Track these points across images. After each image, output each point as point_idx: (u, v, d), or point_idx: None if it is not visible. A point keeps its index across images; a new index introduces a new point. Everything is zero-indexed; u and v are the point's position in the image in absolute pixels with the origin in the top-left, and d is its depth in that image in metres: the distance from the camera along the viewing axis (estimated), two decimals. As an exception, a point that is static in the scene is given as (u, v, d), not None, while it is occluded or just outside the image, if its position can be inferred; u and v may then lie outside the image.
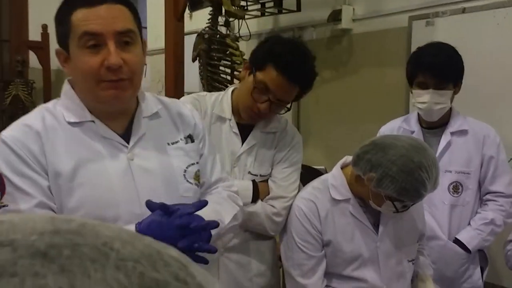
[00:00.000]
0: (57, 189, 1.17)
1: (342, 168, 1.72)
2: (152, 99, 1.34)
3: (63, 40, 1.19)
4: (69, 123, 1.21)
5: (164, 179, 1.26)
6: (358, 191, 1.65)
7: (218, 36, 3.14)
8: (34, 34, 4.70)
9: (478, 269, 2.11)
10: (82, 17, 1.14)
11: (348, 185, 1.67)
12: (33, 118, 1.21)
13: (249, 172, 1.76)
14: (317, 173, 2.62)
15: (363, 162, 1.56)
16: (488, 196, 2.08)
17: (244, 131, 1.77)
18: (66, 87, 1.26)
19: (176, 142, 1.33)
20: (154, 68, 4.40)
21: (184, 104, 1.44)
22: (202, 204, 1.21)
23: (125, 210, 1.20)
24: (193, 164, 1.33)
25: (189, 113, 1.40)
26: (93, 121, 1.23)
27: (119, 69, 1.16)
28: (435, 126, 2.12)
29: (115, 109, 1.24)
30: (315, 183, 1.74)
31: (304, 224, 1.65)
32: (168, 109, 1.35)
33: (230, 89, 1.85)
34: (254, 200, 1.73)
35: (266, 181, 1.81)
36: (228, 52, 3.10)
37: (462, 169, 2.06)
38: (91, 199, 1.18)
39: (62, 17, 1.17)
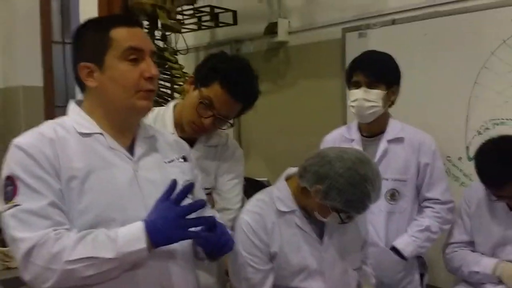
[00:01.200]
0: (69, 192, 1.24)
1: (286, 179, 1.73)
2: (147, 125, 1.46)
3: (96, 54, 1.31)
4: (80, 133, 1.31)
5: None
6: (303, 202, 1.66)
7: (156, 50, 3.11)
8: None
9: (417, 276, 2.16)
10: (125, 34, 1.32)
11: (293, 196, 1.68)
12: (46, 128, 1.31)
13: None
14: (260, 185, 2.64)
15: (310, 174, 1.58)
16: (425, 203, 2.13)
17: None
18: (72, 105, 1.38)
19: (172, 160, 1.45)
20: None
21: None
22: (202, 202, 1.32)
23: (132, 214, 1.27)
24: (188, 181, 1.41)
25: (183, 142, 1.56)
26: (101, 134, 1.33)
27: (154, 80, 1.34)
28: (373, 134, 2.17)
29: (135, 121, 1.39)
30: (260, 195, 1.75)
31: (250, 237, 1.64)
32: (162, 135, 1.49)
33: (172, 104, 1.86)
34: None
35: (210, 193, 1.81)
36: (167, 66, 3.07)
37: (398, 177, 2.10)
38: (100, 203, 1.26)
39: (98, 34, 1.32)
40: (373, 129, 2.16)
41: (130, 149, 1.36)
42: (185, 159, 1.48)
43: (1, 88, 4.73)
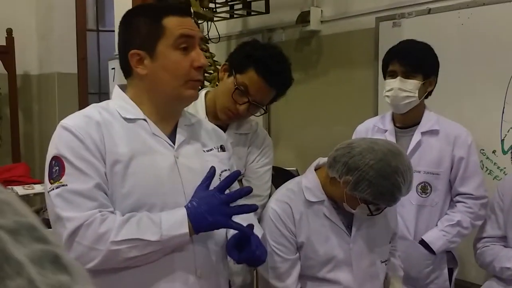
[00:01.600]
0: (113, 176, 1.27)
1: (315, 170, 1.73)
2: (188, 113, 1.48)
3: (148, 41, 1.32)
4: (124, 118, 1.34)
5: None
6: (332, 193, 1.66)
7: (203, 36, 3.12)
8: (-1, 39, 4.59)
9: (446, 271, 2.12)
10: (177, 23, 1.32)
11: (322, 187, 1.67)
12: (91, 111, 1.33)
13: None
14: (289, 175, 2.63)
15: (340, 165, 1.56)
16: (457, 198, 2.10)
17: None
18: (117, 91, 1.40)
19: (211, 149, 1.46)
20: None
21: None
22: (249, 189, 1.33)
23: (172, 200, 1.30)
24: (225, 170, 1.45)
25: (221, 131, 1.57)
26: (145, 120, 1.35)
27: (203, 70, 1.36)
28: (408, 126, 2.13)
29: (179, 109, 1.41)
30: (289, 185, 1.74)
31: (278, 227, 1.65)
32: (201, 123, 1.51)
33: (203, 91, 1.88)
34: None
35: (240, 180, 1.82)
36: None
37: (431, 170, 2.07)
38: (142, 187, 1.29)
39: (150, 22, 1.32)
40: (407, 120, 2.13)
41: (172, 136, 1.38)
42: (222, 148, 1.50)
43: (37, 74, 4.84)
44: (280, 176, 2.73)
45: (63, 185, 1.23)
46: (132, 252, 1.22)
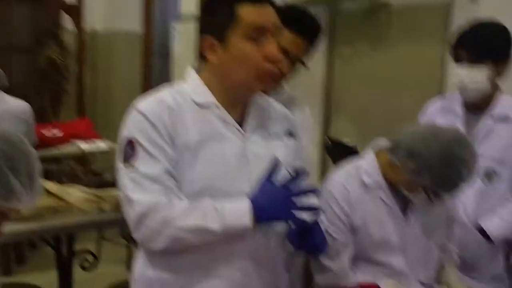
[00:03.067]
0: (182, 160, 1.29)
1: (375, 153, 1.70)
2: (260, 96, 1.44)
3: (220, 29, 1.29)
4: (196, 103, 1.34)
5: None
6: (391, 177, 1.63)
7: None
8: (69, -5, 4.70)
9: (502, 258, 2.05)
10: (252, 12, 1.28)
11: (381, 170, 1.65)
12: (165, 95, 1.35)
13: None
14: (348, 150, 2.59)
15: (402, 150, 1.53)
16: None
17: None
18: (192, 73, 1.40)
19: (279, 135, 1.44)
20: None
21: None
22: (303, 170, 1.31)
23: (237, 188, 1.31)
24: (291, 155, 1.43)
25: (291, 115, 1.54)
26: (216, 106, 1.35)
27: (277, 62, 1.32)
28: (479, 108, 2.04)
29: (248, 98, 1.38)
30: (347, 166, 1.73)
31: (333, 207, 1.65)
32: (273, 107, 1.48)
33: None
34: None
35: None
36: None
37: (497, 155, 1.98)
38: (210, 174, 1.30)
39: (224, 9, 1.29)
40: (478, 104, 2.03)
41: (241, 122, 1.38)
42: (291, 134, 1.48)
43: (103, 32, 4.95)
44: (338, 150, 2.70)
45: (134, 168, 1.28)
46: (195, 238, 1.26)
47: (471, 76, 1.93)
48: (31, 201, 1.11)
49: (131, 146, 1.29)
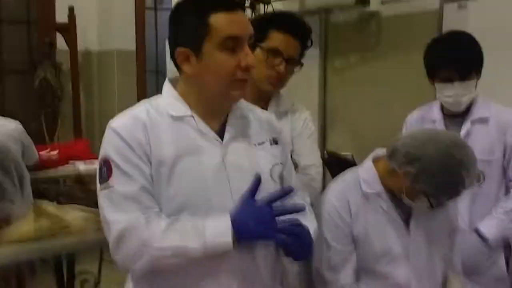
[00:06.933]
0: (158, 177, 1.27)
1: (373, 161, 1.69)
2: (241, 104, 1.43)
3: (193, 40, 1.28)
4: (171, 117, 1.32)
5: (253, 175, 1.32)
6: (390, 185, 1.62)
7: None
8: (61, 16, 4.72)
9: (502, 259, 2.07)
10: (224, 21, 1.26)
11: (380, 179, 1.64)
12: (139, 110, 1.33)
13: None
14: (345, 162, 2.60)
15: (400, 155, 1.53)
16: (511, 184, 2.05)
17: None
18: (167, 86, 1.39)
19: (262, 143, 1.42)
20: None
21: (271, 114, 1.59)
22: (290, 189, 1.32)
23: (217, 202, 1.29)
24: (277, 164, 1.41)
25: (275, 122, 1.52)
26: (192, 117, 1.33)
27: (250, 70, 1.30)
28: (457, 114, 2.08)
29: (227, 107, 1.37)
30: (346, 176, 1.72)
31: (333, 218, 1.63)
32: (255, 114, 1.46)
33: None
34: None
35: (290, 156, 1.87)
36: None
37: (482, 157, 1.99)
38: (187, 189, 1.28)
39: (196, 19, 1.27)
40: (461, 111, 2.08)
41: (221, 132, 1.36)
42: (275, 141, 1.45)
43: (97, 51, 4.96)
44: (335, 163, 2.72)
45: (110, 187, 1.25)
46: (176, 259, 1.24)
47: (464, 92, 1.99)
48: (23, 206, 1.11)
49: (107, 166, 1.27)
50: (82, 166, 3.35)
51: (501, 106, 2.09)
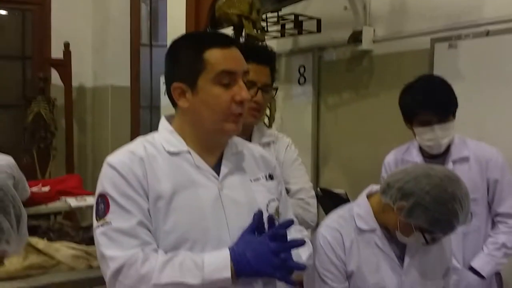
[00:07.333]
0: (156, 212, 1.27)
1: (368, 197, 1.70)
2: (236, 140, 1.44)
3: (189, 76, 1.30)
4: (168, 152, 1.33)
5: (250, 210, 1.34)
6: (384, 221, 1.62)
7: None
8: (56, 52, 4.77)
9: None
10: (219, 57, 1.30)
11: (374, 214, 1.64)
12: (136, 146, 1.34)
13: None
14: (337, 197, 2.60)
15: (394, 190, 1.54)
16: (497, 218, 2.10)
17: None
18: (164, 122, 1.40)
19: (258, 179, 1.42)
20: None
21: (264, 149, 1.60)
22: (289, 223, 1.32)
23: (214, 236, 1.28)
24: (273, 200, 1.42)
25: (270, 157, 1.53)
26: (189, 152, 1.34)
27: (245, 104, 1.32)
28: (437, 155, 2.11)
29: (223, 142, 1.38)
30: (340, 212, 1.72)
31: (328, 254, 1.63)
32: (249, 150, 1.47)
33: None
34: None
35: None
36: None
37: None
38: (185, 223, 1.27)
39: (192, 55, 1.30)
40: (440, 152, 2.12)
41: (217, 167, 1.36)
42: (271, 177, 1.46)
43: (91, 87, 5.00)
44: (328, 199, 2.71)
45: (107, 223, 1.25)
46: None
47: (444, 134, 2.04)
48: (19, 245, 1.10)
49: (104, 201, 1.26)
50: (73, 202, 3.33)
51: (477, 142, 2.14)
